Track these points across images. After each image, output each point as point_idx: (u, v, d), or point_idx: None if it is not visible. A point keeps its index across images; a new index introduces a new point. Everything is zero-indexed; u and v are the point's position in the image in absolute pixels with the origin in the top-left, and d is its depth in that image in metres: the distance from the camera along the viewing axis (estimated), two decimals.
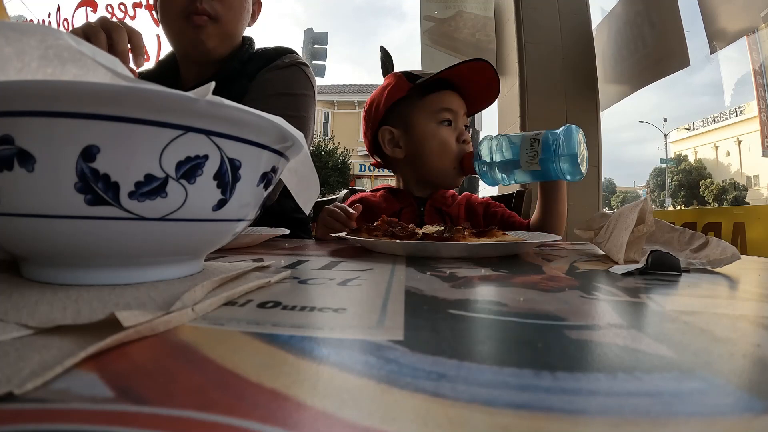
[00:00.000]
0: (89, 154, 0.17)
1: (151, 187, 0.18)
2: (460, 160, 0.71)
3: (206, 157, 0.19)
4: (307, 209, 0.32)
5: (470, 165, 0.67)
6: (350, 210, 0.58)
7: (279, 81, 0.70)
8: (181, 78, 0.75)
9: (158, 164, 0.18)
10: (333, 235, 0.51)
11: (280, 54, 0.75)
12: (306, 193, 0.31)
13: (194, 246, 0.23)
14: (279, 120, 0.22)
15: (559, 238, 0.47)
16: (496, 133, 0.64)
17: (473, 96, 0.75)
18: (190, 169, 0.19)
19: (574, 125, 0.55)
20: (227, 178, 0.21)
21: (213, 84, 0.18)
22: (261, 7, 0.79)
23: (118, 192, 0.18)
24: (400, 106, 0.73)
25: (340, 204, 0.61)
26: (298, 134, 0.24)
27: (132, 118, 0.17)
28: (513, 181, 0.62)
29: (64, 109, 0.16)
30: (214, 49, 0.68)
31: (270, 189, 0.25)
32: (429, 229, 0.49)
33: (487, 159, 0.62)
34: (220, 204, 0.21)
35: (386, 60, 0.79)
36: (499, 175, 0.62)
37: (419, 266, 0.32)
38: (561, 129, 0.56)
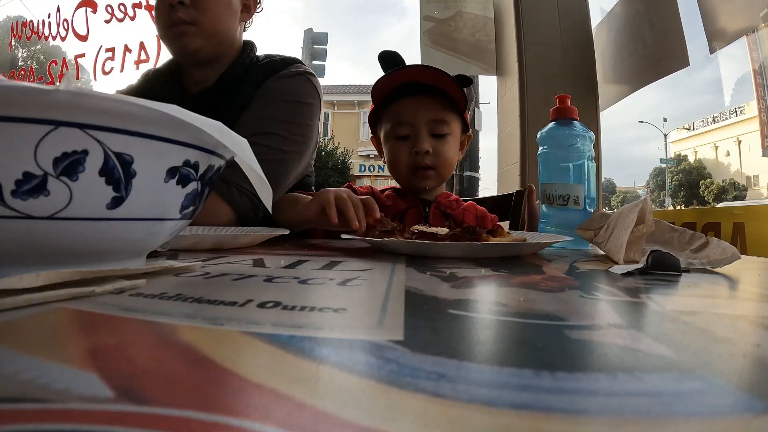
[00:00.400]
0: None
1: (31, 185, 0.18)
2: (413, 169, 0.71)
3: (86, 152, 0.19)
4: (269, 206, 0.30)
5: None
6: (373, 208, 0.50)
7: (287, 89, 0.71)
8: (185, 82, 0.75)
9: (34, 161, 0.18)
10: (345, 237, 0.47)
11: (287, 63, 0.75)
12: (263, 192, 0.29)
13: (98, 247, 0.22)
14: (167, 108, 0.20)
15: (568, 238, 0.46)
16: (591, 148, 0.57)
17: (450, 92, 0.70)
18: (69, 165, 0.18)
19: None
20: (117, 174, 0.20)
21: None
22: (257, 2, 0.78)
23: (1, 190, 0.18)
24: (375, 116, 0.77)
25: (361, 198, 0.51)
26: (201, 121, 0.21)
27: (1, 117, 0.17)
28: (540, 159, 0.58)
29: None
30: (199, 49, 0.68)
31: (199, 186, 0.24)
32: (439, 230, 0.48)
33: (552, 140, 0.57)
34: (116, 202, 0.20)
35: (386, 67, 0.76)
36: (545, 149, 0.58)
37: (419, 266, 0.32)
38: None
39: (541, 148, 0.59)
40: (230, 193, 0.60)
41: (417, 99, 0.70)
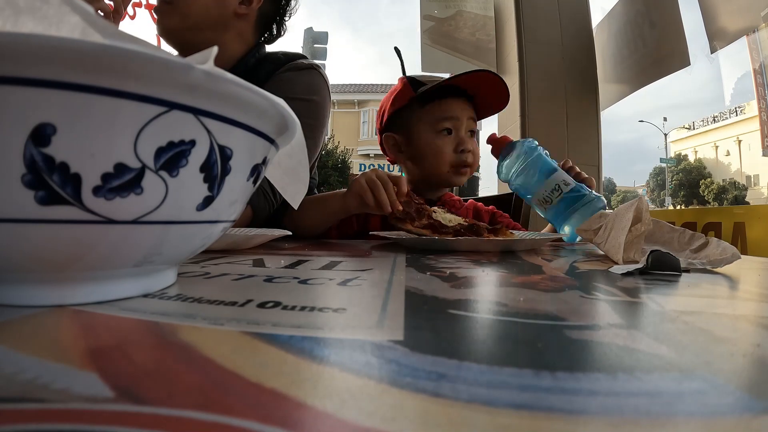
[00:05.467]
0: (42, 135, 0.13)
1: (123, 181, 0.14)
2: (455, 166, 0.72)
3: (193, 143, 0.16)
4: (296, 203, 0.30)
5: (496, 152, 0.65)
6: (403, 186, 0.52)
7: (302, 84, 0.70)
8: None
9: (133, 150, 0.14)
10: (376, 233, 0.53)
11: (292, 58, 0.74)
12: (293, 186, 0.28)
13: (171, 255, 0.19)
14: (281, 101, 0.19)
15: (563, 235, 0.50)
16: (536, 144, 0.60)
17: (482, 101, 0.75)
18: (172, 157, 0.15)
19: (602, 201, 0.55)
20: (216, 170, 0.17)
21: (216, 48, 0.16)
22: None
23: (80, 187, 0.14)
24: (403, 114, 0.75)
25: (388, 174, 0.54)
26: (296, 120, 0.21)
27: (101, 88, 0.13)
28: (517, 191, 0.62)
29: (7, 73, 0.12)
30: (175, 30, 0.67)
31: (258, 184, 0.22)
32: (448, 218, 0.52)
33: (511, 168, 0.61)
34: (206, 202, 0.17)
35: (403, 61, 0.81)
36: (513, 179, 0.61)
37: (419, 266, 0.32)
38: (588, 198, 0.55)
39: (511, 184, 0.62)
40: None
41: (458, 99, 0.73)
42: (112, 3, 0.55)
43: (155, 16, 0.68)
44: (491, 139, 0.64)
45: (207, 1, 0.69)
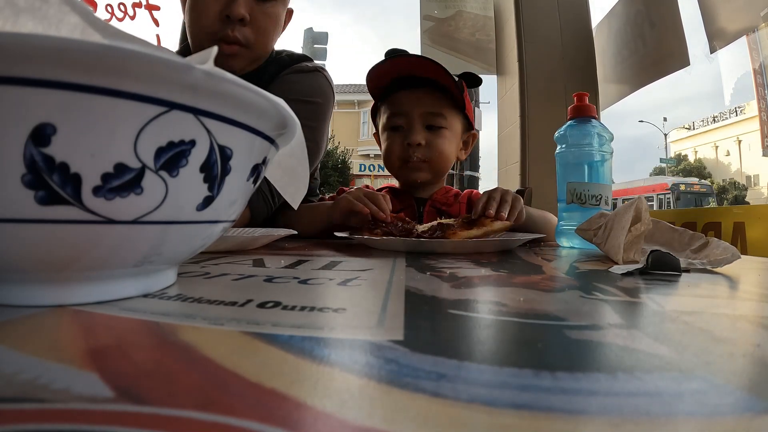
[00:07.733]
0: (42, 135, 0.13)
1: (123, 181, 0.14)
2: (404, 160, 0.70)
3: (193, 143, 0.16)
4: (296, 203, 0.30)
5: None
6: (386, 204, 0.54)
7: (305, 86, 0.69)
8: None
9: (133, 150, 0.14)
10: (338, 234, 0.52)
11: (297, 60, 0.74)
12: (293, 186, 0.28)
13: (171, 255, 0.19)
14: (281, 101, 0.19)
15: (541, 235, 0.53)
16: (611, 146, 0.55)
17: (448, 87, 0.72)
18: (172, 157, 0.15)
19: None
20: (216, 170, 0.17)
21: (215, 49, 0.16)
22: (292, 15, 0.77)
23: (80, 187, 0.14)
24: (376, 109, 0.78)
25: (376, 193, 0.56)
26: (295, 120, 0.21)
27: (101, 88, 0.13)
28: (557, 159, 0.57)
29: (7, 73, 0.12)
30: (241, 70, 0.66)
31: (257, 184, 0.23)
32: (425, 227, 0.51)
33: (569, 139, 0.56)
34: (206, 202, 0.18)
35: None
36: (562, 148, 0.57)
37: (419, 266, 0.32)
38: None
39: (559, 147, 0.58)
40: None
41: (415, 92, 0.70)
42: None
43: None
44: (579, 96, 0.57)
45: (274, 38, 0.69)
